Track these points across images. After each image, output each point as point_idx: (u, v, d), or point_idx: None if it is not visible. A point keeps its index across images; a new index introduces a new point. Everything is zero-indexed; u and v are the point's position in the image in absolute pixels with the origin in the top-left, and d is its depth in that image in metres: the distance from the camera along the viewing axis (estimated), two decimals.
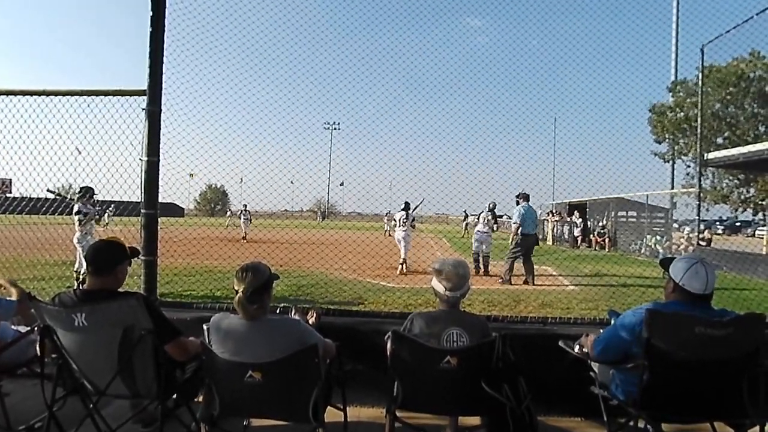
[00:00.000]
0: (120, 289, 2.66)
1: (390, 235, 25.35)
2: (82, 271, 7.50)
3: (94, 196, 7.97)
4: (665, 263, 2.59)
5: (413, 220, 12.45)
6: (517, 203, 10.22)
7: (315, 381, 2.32)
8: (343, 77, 6.05)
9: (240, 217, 22.81)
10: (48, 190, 6.09)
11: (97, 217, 8.18)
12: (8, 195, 6.47)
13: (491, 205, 11.57)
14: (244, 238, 21.27)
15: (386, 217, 26.86)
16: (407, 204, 12.04)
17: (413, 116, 6.63)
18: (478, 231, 11.86)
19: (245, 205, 21.81)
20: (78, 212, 7.81)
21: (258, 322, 2.39)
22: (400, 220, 12.22)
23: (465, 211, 22.77)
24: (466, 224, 29.98)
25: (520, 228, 9.86)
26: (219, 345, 2.38)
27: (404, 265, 11.64)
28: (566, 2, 5.85)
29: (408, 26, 5.88)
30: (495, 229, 11.98)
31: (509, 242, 10.38)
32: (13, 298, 3.11)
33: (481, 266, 11.60)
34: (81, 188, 7.73)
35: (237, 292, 2.39)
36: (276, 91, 5.79)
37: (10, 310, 2.95)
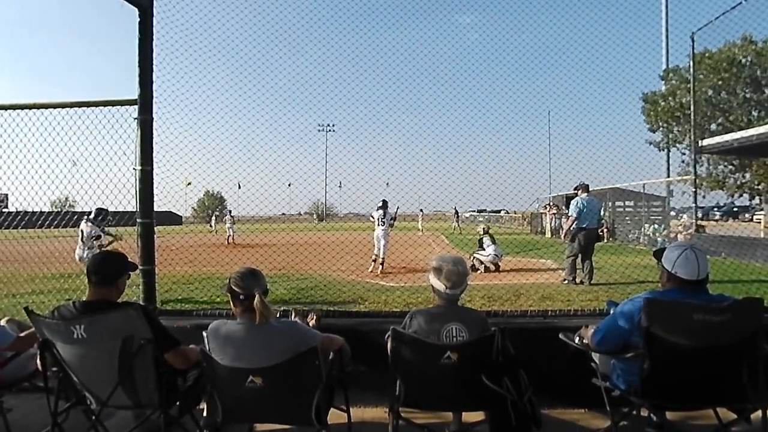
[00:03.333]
0: (118, 300, 2.66)
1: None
2: None
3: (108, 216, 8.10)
4: (658, 254, 2.61)
5: (392, 218, 12.08)
6: (576, 195, 9.23)
7: (316, 383, 2.32)
8: (336, 79, 6.06)
9: (225, 222, 23.51)
10: None
11: (101, 239, 8.20)
12: (4, 210, 6.46)
13: None
14: (228, 242, 21.90)
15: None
16: (385, 202, 11.77)
17: (406, 115, 6.64)
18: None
19: (230, 211, 23.41)
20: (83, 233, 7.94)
21: (258, 327, 2.38)
22: (378, 218, 11.89)
23: (455, 208, 23.06)
24: (458, 221, 30.94)
25: (576, 222, 8.94)
26: (218, 351, 2.37)
27: (382, 264, 11.49)
28: None
29: (398, 25, 5.90)
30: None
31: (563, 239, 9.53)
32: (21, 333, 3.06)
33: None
34: (97, 209, 7.82)
35: (245, 297, 2.39)
36: (268, 94, 5.80)
37: (5, 343, 2.92)
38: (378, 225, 11.87)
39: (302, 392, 2.32)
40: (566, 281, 9.11)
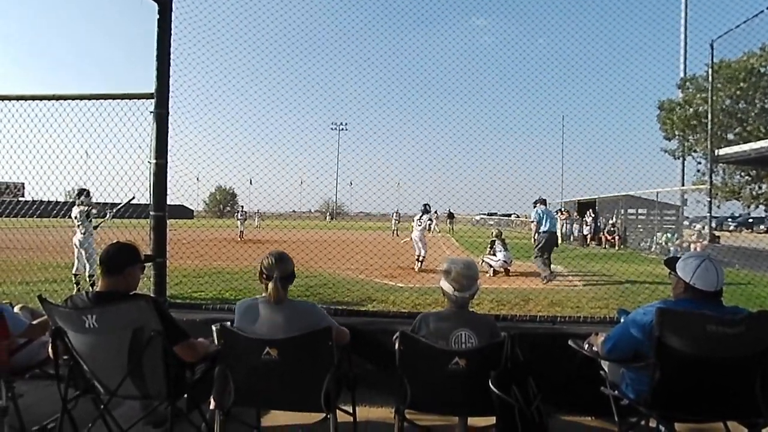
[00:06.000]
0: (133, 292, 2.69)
1: (397, 234, 25.65)
2: (90, 273, 7.56)
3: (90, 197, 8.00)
4: (670, 263, 2.57)
5: (430, 221, 13.32)
6: (534, 206, 10.96)
7: (328, 365, 2.39)
8: (350, 78, 6.07)
9: (237, 218, 24.06)
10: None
11: (99, 219, 8.18)
12: (21, 198, 6.54)
13: None
14: (240, 237, 22.15)
15: (393, 217, 27.62)
16: (426, 206, 12.68)
17: (419, 116, 6.64)
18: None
19: (242, 206, 24.59)
20: (83, 212, 7.89)
21: (279, 304, 2.55)
22: (416, 220, 12.84)
23: (449, 209, 23.23)
24: (451, 223, 31.07)
25: (541, 226, 10.62)
26: (242, 323, 2.56)
27: (421, 262, 12.23)
28: (572, 0, 5.82)
29: (413, 27, 5.88)
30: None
31: (532, 242, 11.06)
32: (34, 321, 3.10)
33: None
34: (79, 190, 7.78)
35: (267, 276, 2.58)
36: (283, 92, 5.82)
37: (18, 329, 2.96)
38: (416, 227, 12.83)
39: (314, 372, 2.39)
40: (547, 280, 9.90)
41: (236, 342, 2.47)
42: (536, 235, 10.83)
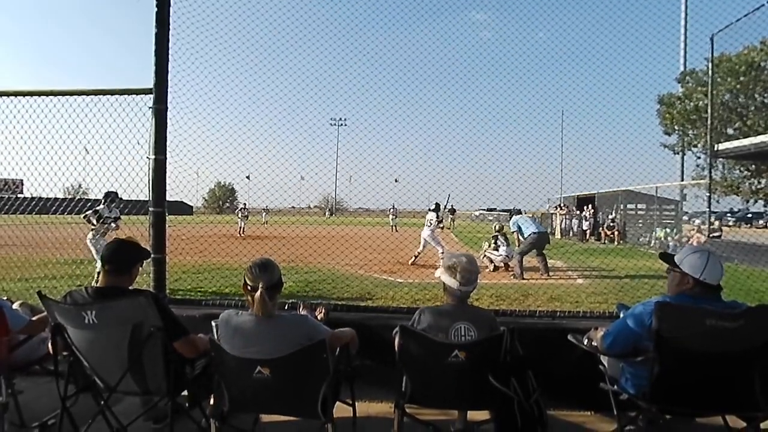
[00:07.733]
0: (130, 287, 2.69)
1: (396, 230, 25.67)
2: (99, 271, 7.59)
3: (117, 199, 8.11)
4: (667, 257, 2.57)
5: (440, 220, 12.86)
6: (511, 217, 11.57)
7: (323, 376, 2.32)
8: (349, 73, 6.04)
9: (238, 214, 23.89)
10: None
11: (114, 224, 8.25)
12: (19, 195, 6.53)
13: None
14: (240, 234, 21.97)
15: (390, 212, 27.64)
16: (437, 205, 12.42)
17: (418, 112, 6.61)
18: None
19: (244, 204, 24.07)
20: (100, 216, 7.97)
21: (268, 319, 2.39)
22: (428, 220, 12.48)
23: (452, 205, 23.12)
24: (452, 218, 31.04)
25: (522, 233, 10.87)
26: (228, 341, 2.39)
27: (417, 257, 12.28)
28: None
29: (412, 21, 5.86)
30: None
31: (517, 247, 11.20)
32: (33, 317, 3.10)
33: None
34: (107, 193, 7.88)
35: (252, 288, 2.40)
36: (282, 86, 5.79)
37: (18, 325, 2.96)
38: (426, 225, 12.46)
39: (309, 385, 2.33)
40: (519, 277, 10.05)
41: (226, 359, 2.35)
42: (519, 241, 11.03)
